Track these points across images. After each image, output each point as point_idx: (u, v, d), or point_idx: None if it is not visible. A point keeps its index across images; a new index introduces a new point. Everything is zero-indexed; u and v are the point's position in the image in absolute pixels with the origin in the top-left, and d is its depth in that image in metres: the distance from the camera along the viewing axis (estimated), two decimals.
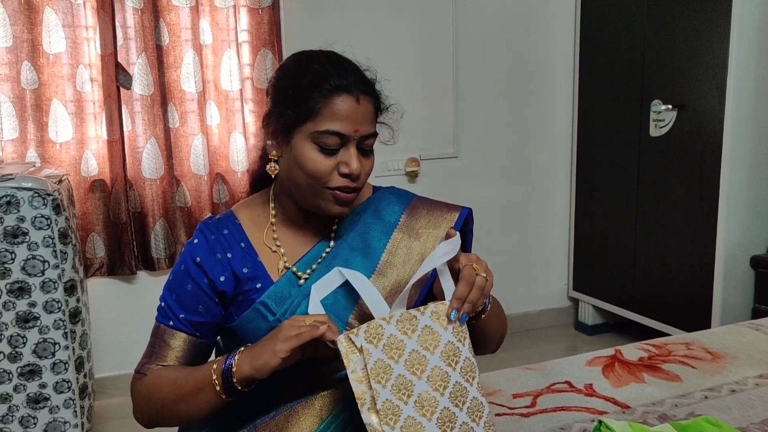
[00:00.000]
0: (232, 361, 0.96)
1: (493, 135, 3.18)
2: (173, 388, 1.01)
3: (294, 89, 1.04)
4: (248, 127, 2.72)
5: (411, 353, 0.91)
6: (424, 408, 0.90)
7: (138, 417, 1.08)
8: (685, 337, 1.70)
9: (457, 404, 0.92)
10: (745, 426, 1.22)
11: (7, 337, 1.86)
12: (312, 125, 1.02)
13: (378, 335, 0.91)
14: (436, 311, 0.94)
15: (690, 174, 2.60)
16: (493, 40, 3.11)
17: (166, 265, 2.67)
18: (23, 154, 2.43)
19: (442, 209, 1.18)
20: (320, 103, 1.01)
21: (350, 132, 1.02)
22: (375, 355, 0.90)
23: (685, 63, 2.59)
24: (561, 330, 3.37)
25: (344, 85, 1.02)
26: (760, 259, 2.52)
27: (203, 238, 1.10)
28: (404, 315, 0.93)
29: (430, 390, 0.91)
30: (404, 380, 0.90)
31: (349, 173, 1.03)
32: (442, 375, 0.92)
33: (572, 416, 1.29)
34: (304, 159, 1.03)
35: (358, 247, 1.12)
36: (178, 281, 1.09)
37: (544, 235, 3.35)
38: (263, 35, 2.67)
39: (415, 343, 0.92)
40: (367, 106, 1.04)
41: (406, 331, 0.92)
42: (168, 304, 1.09)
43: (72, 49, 2.45)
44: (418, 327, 0.93)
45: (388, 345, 0.91)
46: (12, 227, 1.83)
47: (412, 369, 0.91)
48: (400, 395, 0.90)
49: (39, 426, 1.93)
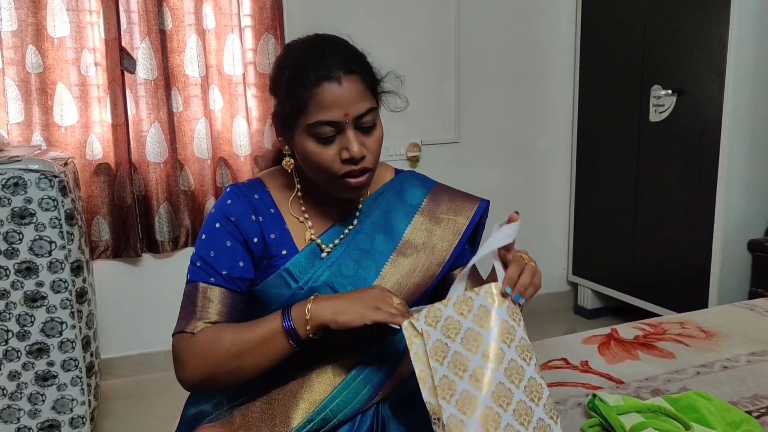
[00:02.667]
0: (307, 308, 0.99)
1: (494, 120, 3.20)
2: (236, 343, 1.01)
3: (281, 87, 1.06)
4: (251, 111, 2.74)
5: (467, 331, 0.93)
6: (479, 382, 0.91)
7: (188, 376, 1.05)
8: (680, 316, 1.73)
9: (513, 381, 0.93)
10: (735, 400, 1.25)
11: (16, 316, 1.90)
12: (304, 120, 1.03)
13: (437, 318, 0.94)
14: (491, 291, 0.96)
15: (689, 159, 2.62)
16: (495, 26, 3.12)
17: (170, 248, 2.70)
18: (29, 138, 2.45)
19: (462, 198, 1.22)
20: (305, 96, 1.02)
21: (340, 118, 1.02)
22: (433, 336, 0.93)
23: (685, 48, 2.60)
24: (560, 314, 3.40)
25: (324, 74, 1.02)
26: (757, 242, 2.55)
27: (237, 200, 1.11)
28: (460, 297, 0.95)
29: (484, 364, 0.92)
30: (460, 357, 0.92)
31: (350, 157, 1.04)
32: (497, 351, 0.93)
33: (568, 391, 1.32)
34: (307, 153, 1.05)
35: (381, 225, 1.15)
36: (215, 239, 1.09)
37: (544, 220, 3.37)
38: (266, 20, 2.69)
39: (471, 321, 0.93)
40: (354, 85, 1.03)
41: (462, 312, 0.94)
42: (207, 262, 1.08)
43: (76, 33, 2.47)
44: (473, 307, 0.94)
45: (446, 326, 0.93)
46: (19, 208, 1.86)
47: (467, 346, 0.92)
48: (456, 371, 0.91)
49: (47, 403, 1.97)
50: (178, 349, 1.06)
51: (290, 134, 1.07)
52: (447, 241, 1.17)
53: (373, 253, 1.12)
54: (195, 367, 1.04)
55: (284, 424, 1.05)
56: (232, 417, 1.09)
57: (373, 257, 1.12)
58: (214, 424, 1.09)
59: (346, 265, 1.11)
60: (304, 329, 0.99)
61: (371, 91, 1.07)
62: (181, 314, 1.09)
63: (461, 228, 1.18)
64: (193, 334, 1.05)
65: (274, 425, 1.05)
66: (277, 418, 1.06)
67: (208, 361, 1.03)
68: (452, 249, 1.17)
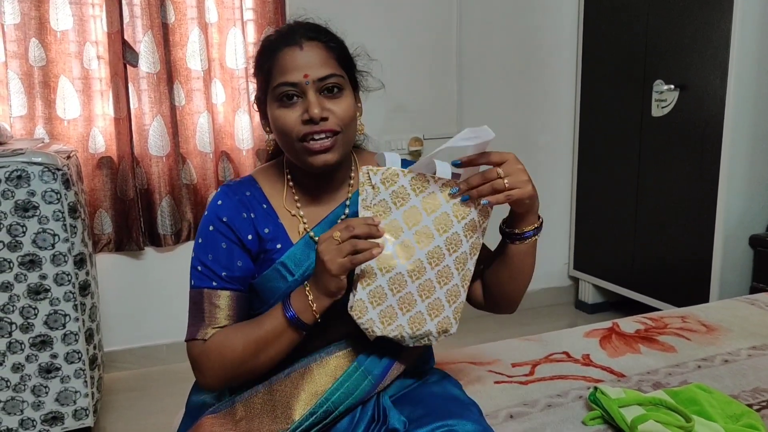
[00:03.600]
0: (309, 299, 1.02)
1: (496, 114, 3.20)
2: (249, 343, 1.05)
3: (255, 64, 1.13)
4: (253, 105, 2.72)
5: (411, 207, 1.03)
6: (404, 251, 1.03)
7: (209, 381, 1.09)
8: (681, 310, 1.74)
9: (431, 263, 1.03)
10: (736, 393, 1.26)
11: (19, 309, 1.91)
12: (270, 85, 1.08)
13: (392, 181, 1.03)
14: (447, 184, 1.04)
15: (691, 154, 2.62)
16: (497, 20, 3.12)
17: (172, 241, 2.71)
18: (31, 131, 2.46)
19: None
20: (270, 63, 1.07)
21: (299, 79, 1.05)
22: (381, 195, 1.03)
23: (687, 43, 2.60)
24: (561, 308, 3.41)
25: (285, 41, 1.07)
26: (759, 238, 2.55)
27: (227, 199, 1.12)
28: (420, 176, 1.04)
29: (413, 241, 1.03)
30: (396, 224, 1.03)
31: (309, 118, 1.04)
32: (428, 234, 1.03)
33: (569, 384, 1.33)
34: (274, 119, 1.08)
35: None
36: (211, 242, 1.11)
37: (546, 215, 3.31)
38: (268, 13, 2.69)
39: (418, 201, 1.04)
40: (315, 50, 1.07)
41: (415, 189, 1.04)
42: (207, 266, 1.10)
43: (79, 26, 2.47)
44: (426, 190, 1.04)
45: (396, 192, 1.03)
46: (23, 201, 1.86)
47: (405, 219, 1.03)
48: (388, 235, 1.03)
49: (51, 395, 1.98)
50: (194, 357, 1.09)
51: (265, 108, 1.12)
52: None
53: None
54: (214, 373, 1.07)
55: (286, 415, 1.06)
56: (234, 408, 1.10)
57: None
58: (216, 415, 1.10)
59: None
60: (310, 315, 1.02)
61: (337, 61, 1.09)
62: (190, 321, 1.11)
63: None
64: (204, 341, 1.08)
65: (275, 416, 1.06)
66: (278, 409, 1.07)
67: (225, 364, 1.06)
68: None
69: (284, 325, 1.03)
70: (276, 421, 1.06)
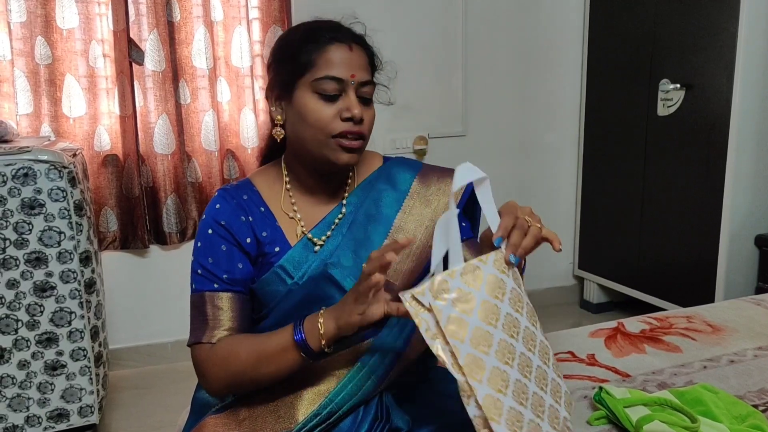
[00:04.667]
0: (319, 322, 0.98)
1: (502, 113, 3.20)
2: (253, 354, 1.03)
3: (289, 47, 1.10)
4: (258, 104, 2.75)
5: (483, 304, 0.88)
6: (505, 356, 0.88)
7: (212, 386, 1.08)
8: (687, 310, 1.73)
9: (530, 348, 0.92)
10: (742, 394, 1.26)
11: (25, 306, 1.92)
12: (310, 75, 1.06)
13: (445, 290, 0.87)
14: (497, 259, 0.92)
15: (697, 153, 2.61)
16: (502, 19, 3.12)
17: (177, 239, 2.72)
18: (37, 129, 2.46)
19: (450, 175, 1.20)
20: (315, 53, 1.06)
21: (347, 76, 1.06)
22: (446, 312, 0.86)
23: (694, 42, 2.59)
24: (566, 308, 3.40)
25: (336, 36, 1.07)
26: (764, 237, 2.54)
27: (225, 203, 1.12)
28: (467, 267, 0.89)
29: (507, 338, 0.89)
30: (482, 332, 0.87)
31: (351, 117, 1.05)
32: (514, 321, 0.91)
33: (574, 384, 1.32)
34: (307, 110, 1.06)
35: (373, 214, 1.15)
36: (210, 245, 1.10)
37: (551, 214, 3.37)
38: (273, 12, 2.69)
39: (484, 293, 0.89)
40: (361, 55, 1.09)
41: (473, 283, 0.89)
42: (207, 269, 1.10)
43: (85, 24, 2.48)
44: (483, 277, 0.90)
45: (457, 299, 0.87)
46: (29, 199, 1.87)
47: (487, 319, 0.88)
48: (481, 347, 0.86)
49: (56, 392, 1.99)
50: (199, 360, 1.08)
51: (289, 96, 1.09)
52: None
53: (367, 242, 1.12)
54: (217, 378, 1.06)
55: (289, 416, 1.05)
56: (237, 408, 1.10)
57: (367, 247, 1.12)
58: (219, 416, 1.10)
59: (345, 256, 1.11)
60: (317, 343, 0.98)
61: (372, 71, 1.12)
62: (194, 325, 1.10)
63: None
64: (212, 344, 1.07)
65: (279, 416, 1.06)
66: (281, 410, 1.06)
67: (228, 371, 1.05)
68: None
69: (290, 343, 1.00)
70: (280, 421, 1.05)
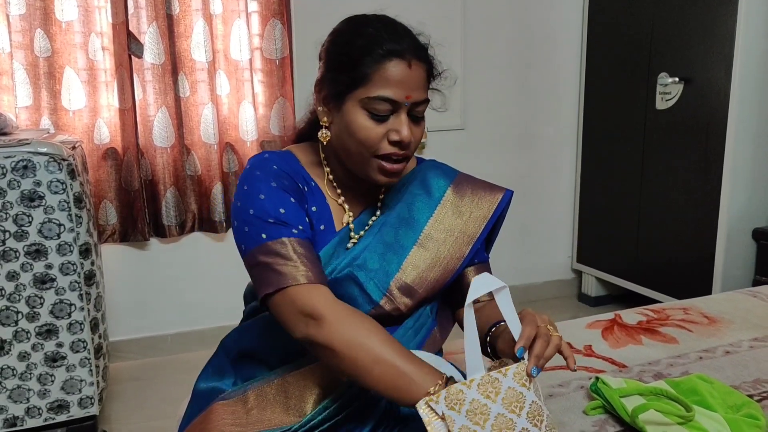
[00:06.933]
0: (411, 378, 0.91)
1: (500, 107, 3.20)
2: (384, 349, 0.93)
3: (346, 55, 1.03)
4: (257, 97, 2.75)
5: (497, 417, 0.88)
6: None
7: (333, 337, 0.94)
8: (684, 302, 1.74)
9: None
10: (737, 384, 1.27)
11: (25, 298, 1.92)
12: (363, 91, 1.01)
13: (460, 401, 0.88)
14: (518, 372, 0.90)
15: (695, 147, 2.62)
16: (501, 13, 3.11)
17: (176, 232, 2.72)
18: (37, 122, 2.47)
19: (485, 189, 1.19)
20: (372, 68, 1.00)
21: (401, 98, 1.01)
22: (459, 422, 0.87)
23: (692, 36, 2.59)
24: (564, 301, 3.41)
25: (397, 51, 1.01)
26: (762, 231, 2.55)
27: (283, 164, 1.07)
28: (485, 378, 0.89)
29: None
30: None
31: (399, 140, 1.02)
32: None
33: (571, 374, 1.33)
34: (355, 126, 1.02)
35: (405, 218, 1.13)
36: (278, 197, 1.02)
37: (550, 208, 3.38)
38: (273, 5, 2.69)
39: (500, 406, 0.88)
40: (420, 72, 1.03)
41: (489, 395, 0.88)
42: (279, 219, 1.00)
43: (84, 17, 2.48)
44: (501, 389, 0.89)
45: (472, 410, 0.87)
46: (29, 191, 1.87)
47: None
48: None
49: (56, 383, 1.99)
50: (311, 303, 0.95)
51: (338, 105, 1.04)
52: (468, 235, 1.14)
53: (396, 246, 1.11)
54: (338, 319, 0.95)
55: (299, 408, 1.04)
56: (246, 396, 1.08)
57: (395, 251, 1.10)
58: (227, 402, 1.09)
59: (371, 259, 1.09)
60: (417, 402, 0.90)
61: (428, 83, 1.07)
62: (273, 275, 0.97)
63: (482, 222, 1.16)
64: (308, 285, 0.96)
65: (288, 408, 1.05)
66: (291, 401, 1.05)
67: (354, 329, 0.95)
68: (473, 243, 1.15)
69: (414, 382, 0.91)
70: (288, 413, 1.04)
